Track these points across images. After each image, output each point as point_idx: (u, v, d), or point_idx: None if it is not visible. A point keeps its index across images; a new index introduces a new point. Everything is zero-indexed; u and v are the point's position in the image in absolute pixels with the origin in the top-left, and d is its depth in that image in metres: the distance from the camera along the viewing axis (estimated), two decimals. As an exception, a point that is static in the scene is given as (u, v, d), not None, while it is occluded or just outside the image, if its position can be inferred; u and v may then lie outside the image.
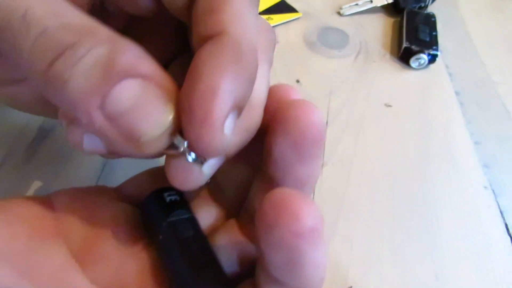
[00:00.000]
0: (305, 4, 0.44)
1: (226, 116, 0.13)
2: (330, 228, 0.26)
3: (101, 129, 0.13)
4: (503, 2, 0.50)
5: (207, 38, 0.14)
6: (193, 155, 0.14)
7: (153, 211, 0.17)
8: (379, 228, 0.26)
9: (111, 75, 0.12)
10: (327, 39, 0.41)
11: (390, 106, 0.35)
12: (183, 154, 0.13)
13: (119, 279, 0.16)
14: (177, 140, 0.13)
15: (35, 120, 0.29)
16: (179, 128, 0.13)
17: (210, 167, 0.15)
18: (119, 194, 0.20)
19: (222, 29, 0.14)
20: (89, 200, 0.18)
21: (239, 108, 0.14)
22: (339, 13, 0.44)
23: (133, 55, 0.13)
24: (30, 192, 0.25)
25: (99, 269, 0.16)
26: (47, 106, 0.18)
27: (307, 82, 0.36)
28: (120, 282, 0.16)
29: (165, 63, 0.19)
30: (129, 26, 0.19)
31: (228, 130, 0.13)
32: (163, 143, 0.13)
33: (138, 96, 0.13)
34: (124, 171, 0.25)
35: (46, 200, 0.18)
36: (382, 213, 0.27)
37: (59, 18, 0.12)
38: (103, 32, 0.13)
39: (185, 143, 0.13)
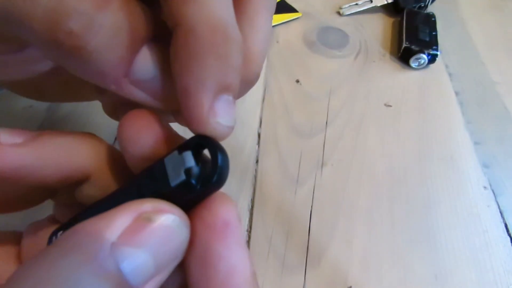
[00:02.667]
0: (305, 4, 0.44)
1: (210, 106, 0.13)
2: (330, 228, 0.26)
3: (130, 94, 0.13)
4: (503, 2, 0.50)
5: (175, 26, 0.13)
6: None
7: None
8: (379, 228, 0.26)
9: (133, 43, 0.12)
10: (327, 39, 0.41)
11: (390, 106, 0.35)
12: None
13: None
14: None
15: (35, 120, 0.29)
16: None
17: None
18: None
19: (182, 15, 0.13)
20: None
21: (227, 90, 0.13)
22: (339, 13, 0.44)
23: (147, 21, 0.13)
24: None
25: None
26: (73, 93, 0.19)
27: (307, 82, 0.36)
28: None
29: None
30: None
31: (222, 115, 0.13)
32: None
33: (160, 62, 0.13)
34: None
35: None
36: (382, 213, 0.27)
37: None
38: None
39: None
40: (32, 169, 0.13)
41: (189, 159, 0.13)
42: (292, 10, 0.43)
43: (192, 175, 0.13)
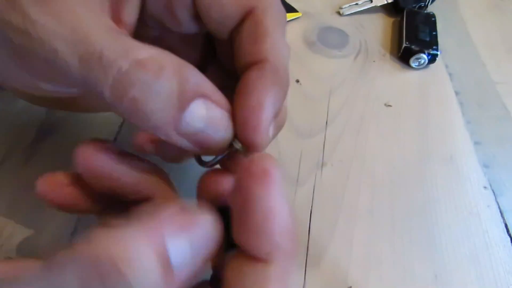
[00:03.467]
0: (305, 4, 0.44)
1: (270, 123, 0.17)
2: (330, 228, 0.26)
3: (177, 143, 0.16)
4: (503, 2, 0.50)
5: (252, 64, 0.18)
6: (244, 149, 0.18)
7: None
8: (379, 228, 0.26)
9: (182, 104, 0.15)
10: (327, 39, 0.41)
11: (390, 106, 0.35)
12: (239, 151, 0.18)
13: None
14: (234, 142, 0.17)
15: (35, 120, 0.29)
16: (234, 134, 0.17)
17: None
18: None
19: (264, 57, 0.17)
20: None
21: (276, 116, 0.18)
22: (339, 13, 0.44)
23: (198, 82, 0.16)
24: (30, 191, 0.25)
25: None
26: (103, 106, 0.21)
27: (307, 82, 0.36)
28: None
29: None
30: (163, 35, 0.21)
31: (270, 132, 0.17)
32: (225, 148, 0.17)
33: (206, 118, 0.16)
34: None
35: None
36: (382, 213, 0.27)
37: (130, 55, 0.14)
38: (171, 63, 0.15)
39: (239, 144, 0.17)
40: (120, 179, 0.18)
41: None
42: (292, 10, 0.43)
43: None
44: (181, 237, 0.13)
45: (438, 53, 0.38)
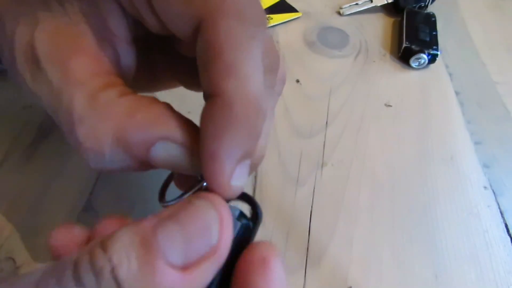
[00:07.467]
0: (305, 4, 0.44)
1: (232, 171, 0.15)
2: (330, 228, 0.26)
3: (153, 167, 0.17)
4: (503, 2, 0.50)
5: (209, 96, 0.15)
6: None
7: None
8: (379, 228, 0.26)
9: (148, 141, 0.15)
10: (327, 39, 0.41)
11: (390, 106, 0.35)
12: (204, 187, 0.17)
13: None
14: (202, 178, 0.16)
15: (35, 120, 0.29)
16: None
17: None
18: None
19: (215, 90, 0.14)
20: None
21: (245, 158, 0.15)
22: (339, 13, 0.44)
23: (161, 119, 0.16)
24: (30, 191, 0.25)
25: None
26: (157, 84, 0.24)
27: (307, 82, 0.36)
28: None
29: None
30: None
31: (238, 180, 0.15)
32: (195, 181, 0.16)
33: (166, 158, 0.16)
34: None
35: None
36: (382, 213, 0.27)
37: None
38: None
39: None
40: None
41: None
42: (292, 10, 0.43)
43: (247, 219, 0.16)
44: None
45: (438, 53, 0.38)
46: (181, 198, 0.17)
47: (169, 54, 0.21)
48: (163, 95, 0.33)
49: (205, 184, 0.16)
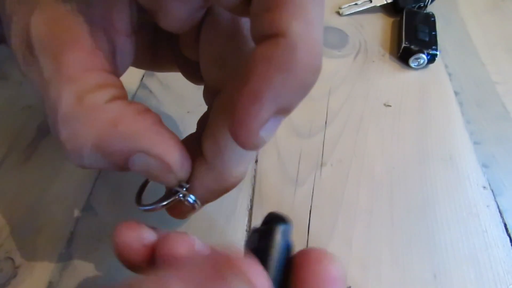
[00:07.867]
0: (304, 4, 0.44)
1: (265, 122, 0.13)
2: (330, 228, 0.26)
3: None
4: (503, 2, 0.50)
5: (264, 38, 0.13)
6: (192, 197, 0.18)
7: None
8: (378, 228, 0.26)
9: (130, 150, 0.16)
10: (327, 39, 0.41)
11: (389, 106, 0.35)
12: (183, 201, 0.18)
13: None
14: (180, 190, 0.18)
15: (35, 120, 0.29)
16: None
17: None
18: None
19: (280, 30, 0.13)
20: None
21: (284, 112, 0.14)
22: (338, 13, 0.44)
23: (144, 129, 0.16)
24: (29, 191, 0.25)
25: None
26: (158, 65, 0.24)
27: (307, 82, 0.36)
28: None
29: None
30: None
31: (265, 133, 0.14)
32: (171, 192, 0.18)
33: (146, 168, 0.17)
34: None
35: None
36: (382, 213, 0.27)
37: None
38: None
39: (184, 192, 0.17)
40: None
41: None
42: (291, 10, 0.43)
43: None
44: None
45: (438, 53, 0.38)
46: (157, 205, 0.18)
47: (171, 46, 0.22)
48: (163, 95, 0.33)
49: (181, 195, 0.17)
